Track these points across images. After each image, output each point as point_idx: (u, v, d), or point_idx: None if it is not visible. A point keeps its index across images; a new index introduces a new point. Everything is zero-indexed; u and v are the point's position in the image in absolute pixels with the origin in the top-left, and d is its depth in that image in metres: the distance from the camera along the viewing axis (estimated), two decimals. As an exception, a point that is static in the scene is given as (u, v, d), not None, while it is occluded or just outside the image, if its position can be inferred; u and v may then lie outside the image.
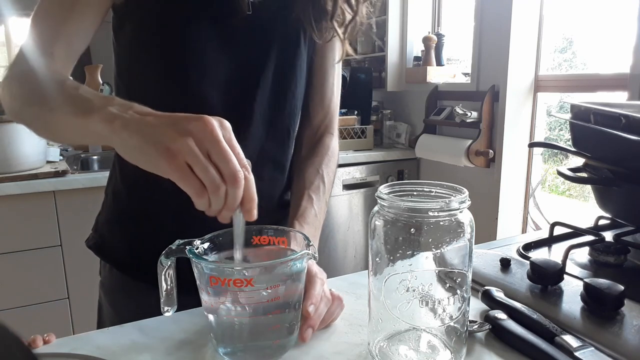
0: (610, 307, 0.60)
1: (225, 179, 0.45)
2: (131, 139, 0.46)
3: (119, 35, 0.73)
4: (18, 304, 1.81)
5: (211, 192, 0.45)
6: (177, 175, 0.45)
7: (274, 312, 0.52)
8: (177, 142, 0.44)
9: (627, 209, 0.81)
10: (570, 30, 2.14)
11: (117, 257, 0.80)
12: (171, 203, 0.75)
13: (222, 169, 0.45)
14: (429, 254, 0.50)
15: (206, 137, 0.44)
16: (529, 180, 2.16)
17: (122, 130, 0.47)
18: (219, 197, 0.45)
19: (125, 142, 0.47)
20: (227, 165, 0.45)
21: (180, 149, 0.44)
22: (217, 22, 0.70)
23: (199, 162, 0.44)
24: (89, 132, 0.52)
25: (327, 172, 0.82)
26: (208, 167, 0.44)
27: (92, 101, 0.52)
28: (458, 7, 2.52)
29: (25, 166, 1.77)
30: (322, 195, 0.79)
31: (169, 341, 0.59)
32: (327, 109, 0.86)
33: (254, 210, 0.48)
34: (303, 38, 0.76)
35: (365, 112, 2.60)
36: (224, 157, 0.45)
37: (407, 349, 0.54)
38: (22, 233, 1.77)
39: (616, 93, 1.76)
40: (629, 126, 0.70)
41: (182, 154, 0.44)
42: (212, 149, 0.45)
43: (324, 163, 0.82)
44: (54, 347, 0.58)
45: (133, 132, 0.47)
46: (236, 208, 0.47)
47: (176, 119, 0.46)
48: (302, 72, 0.79)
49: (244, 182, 0.46)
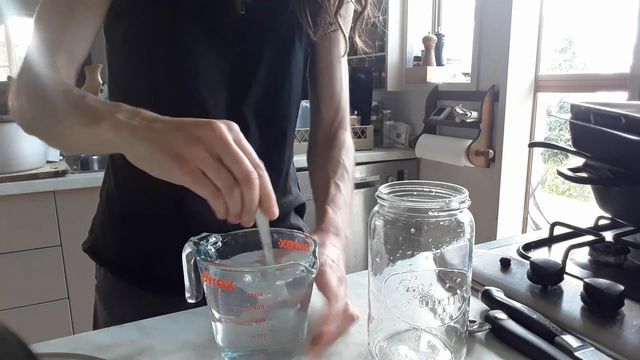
0: (610, 307, 0.60)
1: (239, 180, 0.45)
2: (140, 146, 0.47)
3: (110, 36, 0.72)
4: (18, 304, 1.81)
5: (226, 195, 0.45)
6: (190, 180, 0.45)
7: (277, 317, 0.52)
8: (188, 148, 0.44)
9: (627, 209, 0.81)
10: (570, 30, 2.14)
11: (111, 260, 0.79)
12: (163, 209, 0.75)
13: (234, 171, 0.45)
14: (429, 254, 0.50)
15: (215, 141, 0.45)
16: (529, 180, 2.16)
17: (131, 138, 0.47)
18: (234, 199, 0.45)
19: (135, 150, 0.47)
20: (239, 167, 0.45)
21: (192, 155, 0.44)
22: (210, 23, 0.69)
23: (211, 166, 0.44)
24: (98, 141, 0.52)
25: (347, 162, 0.81)
26: (220, 170, 0.44)
27: (100, 109, 0.52)
28: (458, 7, 2.52)
29: (25, 166, 1.77)
30: (348, 183, 0.79)
31: (169, 341, 0.59)
32: (338, 105, 0.86)
33: (274, 207, 0.48)
34: (298, 38, 0.76)
35: (365, 112, 2.60)
36: (235, 160, 0.45)
37: (407, 349, 0.54)
38: (22, 233, 1.77)
39: (616, 93, 1.76)
40: (629, 126, 0.70)
41: (194, 160, 0.44)
42: (222, 152, 0.45)
43: (343, 154, 0.82)
44: (54, 347, 0.58)
45: (142, 139, 0.47)
46: (255, 210, 0.47)
47: (184, 124, 0.46)
48: (298, 73, 0.78)
49: (259, 181, 0.46)
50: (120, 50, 0.72)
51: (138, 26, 0.69)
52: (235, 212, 0.47)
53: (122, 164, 0.76)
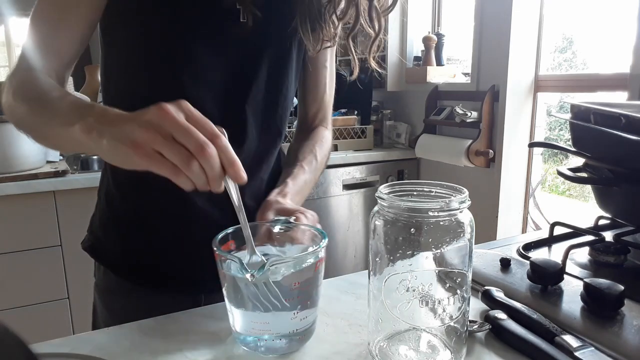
0: (610, 307, 0.60)
1: (193, 152, 0.46)
2: (106, 144, 0.49)
3: (107, 38, 0.72)
4: (18, 304, 1.81)
5: (185, 170, 0.46)
6: (148, 162, 0.46)
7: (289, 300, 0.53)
8: (140, 134, 0.46)
9: (627, 209, 0.81)
10: (570, 30, 2.14)
11: (111, 259, 0.80)
12: (164, 206, 0.75)
13: (187, 145, 0.46)
14: (429, 254, 0.50)
15: (163, 121, 0.46)
16: (529, 180, 2.16)
17: (99, 139, 0.50)
18: (193, 171, 0.46)
19: (102, 149, 0.50)
20: (191, 139, 0.46)
21: (144, 139, 0.46)
22: (211, 31, 0.69)
23: (164, 145, 0.46)
24: (76, 143, 0.54)
25: (320, 153, 0.85)
26: (173, 147, 0.46)
27: (75, 113, 0.55)
28: (458, 7, 2.52)
29: (25, 166, 1.77)
30: (314, 169, 0.82)
31: (169, 341, 0.59)
32: (320, 105, 0.90)
33: (239, 172, 0.49)
34: (296, 45, 0.77)
35: (365, 112, 2.60)
36: (185, 134, 0.46)
37: (407, 349, 0.54)
38: (22, 233, 1.77)
39: (616, 93, 1.76)
40: (629, 126, 0.70)
41: (147, 143, 0.46)
42: (172, 129, 0.46)
43: (317, 145, 0.86)
44: (54, 347, 0.58)
45: (106, 137, 0.49)
46: (220, 177, 0.48)
47: (136, 114, 0.48)
48: (293, 74, 0.80)
49: (217, 150, 0.47)
50: (118, 52, 0.72)
51: (135, 29, 0.69)
52: (200, 184, 0.47)
53: None
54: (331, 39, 0.77)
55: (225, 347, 0.58)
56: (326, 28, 0.75)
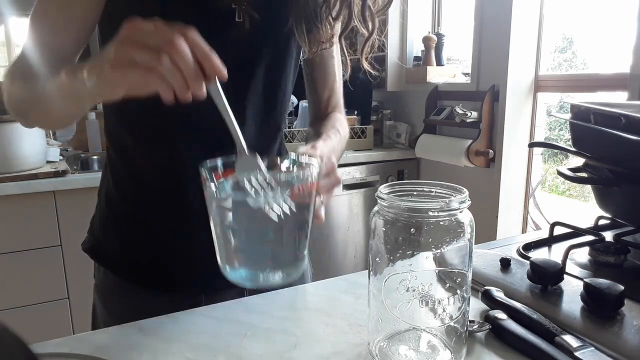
0: (610, 307, 0.60)
1: (162, 48, 0.44)
2: (97, 79, 0.49)
3: (105, 39, 0.72)
4: (18, 304, 1.81)
5: (156, 65, 0.44)
6: (122, 74, 0.45)
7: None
8: (114, 53, 0.46)
9: (627, 209, 0.81)
10: (570, 30, 2.14)
11: (111, 260, 0.79)
12: (163, 207, 0.75)
13: (154, 44, 0.45)
14: (429, 254, 0.50)
15: (130, 32, 0.46)
16: (529, 180, 2.16)
17: (89, 77, 0.50)
18: (164, 66, 0.44)
19: (95, 85, 0.50)
20: (156, 37, 0.45)
21: (117, 55, 0.46)
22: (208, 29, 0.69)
23: (133, 50, 0.45)
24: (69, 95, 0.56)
25: (341, 128, 0.84)
26: (143, 48, 0.45)
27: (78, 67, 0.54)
28: (458, 7, 2.52)
29: (25, 166, 1.77)
30: (340, 140, 0.81)
31: (169, 341, 0.59)
32: (332, 89, 0.90)
33: (217, 64, 0.47)
34: (293, 41, 0.77)
35: (365, 112, 2.60)
36: (151, 34, 0.45)
37: (407, 349, 0.54)
38: (22, 233, 1.77)
39: (616, 93, 1.76)
40: (629, 126, 0.70)
41: (121, 58, 0.45)
42: (137, 36, 0.45)
43: (338, 123, 0.85)
44: (54, 347, 0.58)
45: (93, 73, 0.50)
46: (197, 75, 0.46)
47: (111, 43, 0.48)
48: (292, 68, 0.80)
49: (187, 42, 0.45)
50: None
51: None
52: (178, 85, 0.45)
53: (119, 163, 0.76)
54: (327, 40, 0.77)
55: (225, 347, 0.58)
56: (322, 29, 0.75)
